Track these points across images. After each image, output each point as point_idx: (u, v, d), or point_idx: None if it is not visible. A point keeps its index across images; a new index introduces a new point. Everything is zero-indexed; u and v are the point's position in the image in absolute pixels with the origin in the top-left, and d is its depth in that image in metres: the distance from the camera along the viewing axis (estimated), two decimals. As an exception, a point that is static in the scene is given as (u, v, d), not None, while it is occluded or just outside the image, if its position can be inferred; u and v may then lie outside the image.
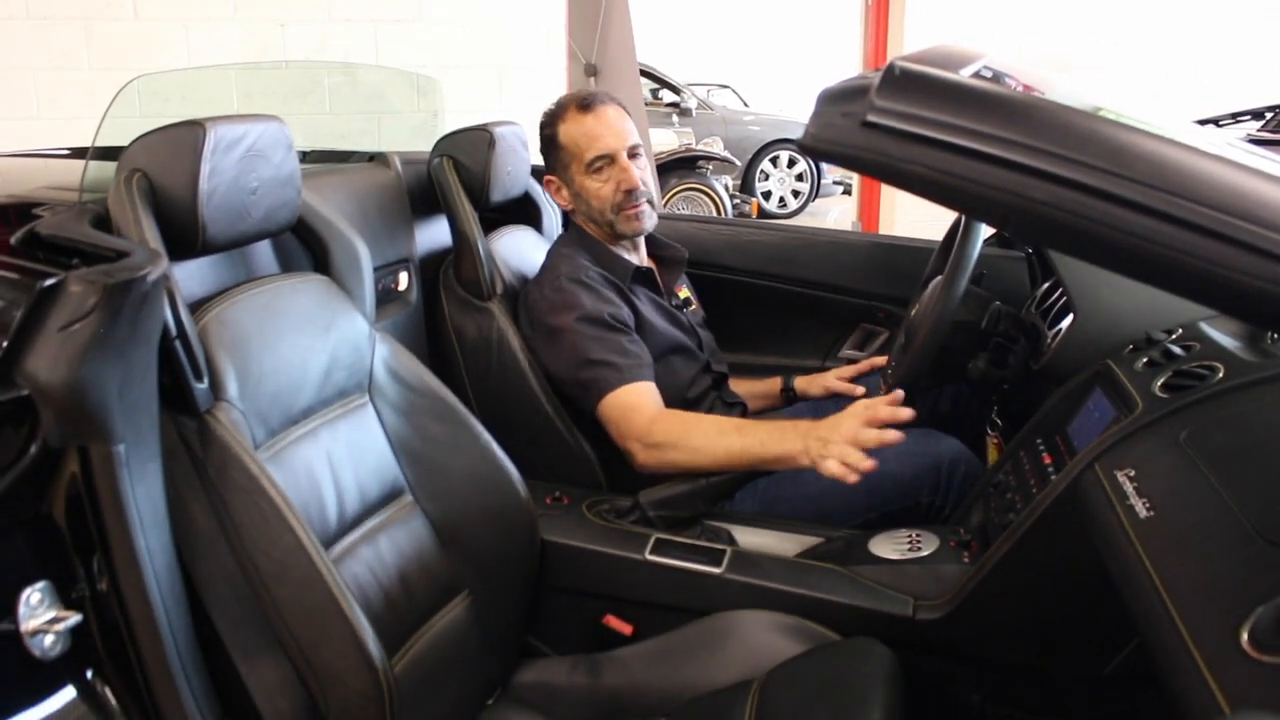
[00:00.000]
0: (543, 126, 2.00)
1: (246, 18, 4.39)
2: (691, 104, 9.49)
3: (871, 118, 0.85)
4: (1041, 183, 0.81)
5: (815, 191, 9.85)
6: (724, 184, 7.78)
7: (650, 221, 1.99)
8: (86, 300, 0.99)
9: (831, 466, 1.56)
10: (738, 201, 8.08)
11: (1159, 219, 0.78)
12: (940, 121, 0.83)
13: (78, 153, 2.69)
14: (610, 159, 1.94)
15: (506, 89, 4.83)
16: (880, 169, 0.87)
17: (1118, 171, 0.79)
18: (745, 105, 11.01)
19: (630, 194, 1.94)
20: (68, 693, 1.08)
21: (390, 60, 4.60)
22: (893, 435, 1.56)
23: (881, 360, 2.20)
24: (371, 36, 4.53)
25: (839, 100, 0.90)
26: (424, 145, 2.14)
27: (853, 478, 1.56)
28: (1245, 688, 0.85)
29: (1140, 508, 1.17)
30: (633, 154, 1.96)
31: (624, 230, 1.97)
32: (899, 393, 1.61)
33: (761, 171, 9.82)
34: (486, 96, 4.73)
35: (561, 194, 2.02)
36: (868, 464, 1.54)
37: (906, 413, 1.58)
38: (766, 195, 9.76)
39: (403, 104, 3.95)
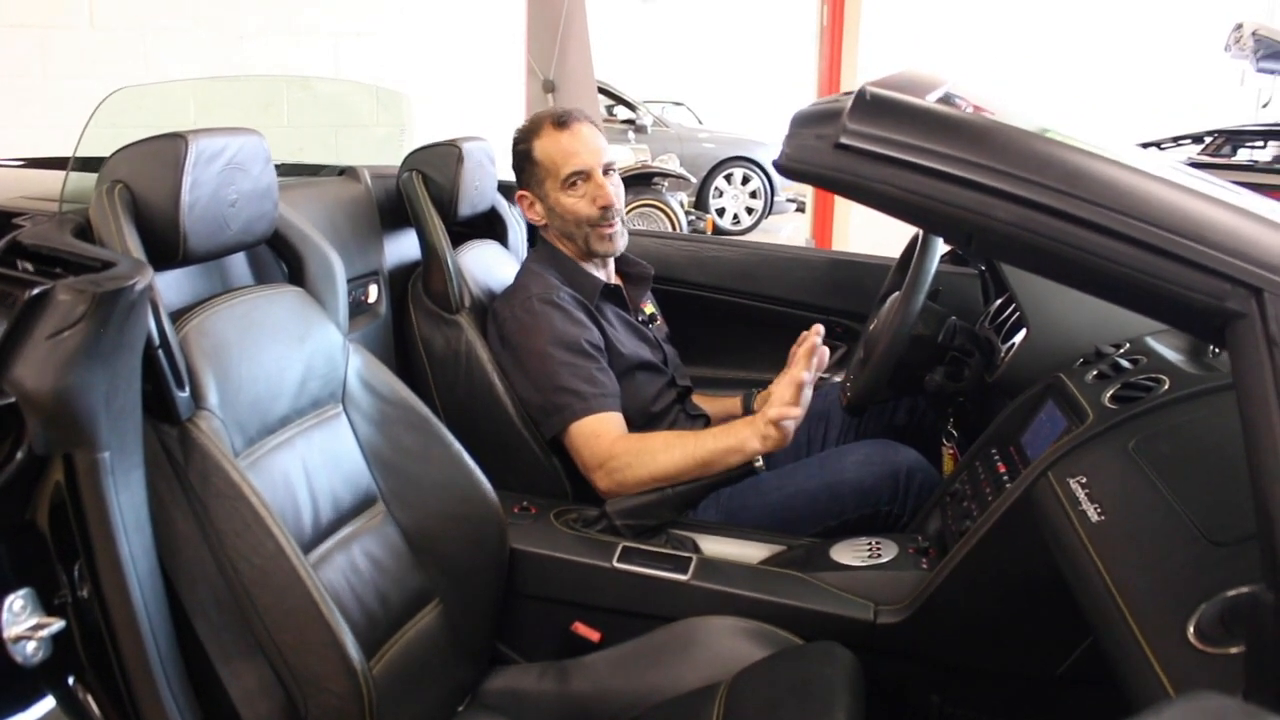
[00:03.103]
0: (516, 142, 2.03)
1: (205, 29, 4.36)
2: (647, 121, 9.55)
3: (844, 140, 0.89)
4: (1004, 203, 0.86)
5: (769, 208, 9.96)
6: (679, 200, 7.85)
7: (622, 242, 2.03)
8: (75, 309, 1.01)
9: (771, 432, 1.65)
10: (693, 218, 8.15)
11: (1112, 237, 0.84)
12: (909, 144, 0.88)
13: (32, 163, 2.68)
14: (586, 175, 1.97)
15: (466, 104, 4.85)
16: (852, 189, 0.92)
17: (1075, 193, 0.84)
18: (700, 123, 11.11)
19: (605, 211, 1.97)
20: (50, 700, 1.09)
21: (350, 74, 4.60)
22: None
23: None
24: (332, 50, 4.53)
25: (812, 123, 0.94)
26: (386, 160, 2.16)
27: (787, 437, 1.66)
28: (1191, 677, 0.90)
29: (1092, 513, 1.23)
30: (607, 172, 1.99)
31: (597, 249, 2.01)
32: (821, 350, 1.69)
33: (716, 188, 9.91)
34: (446, 111, 4.74)
35: (534, 209, 2.04)
36: (796, 411, 1.65)
37: (817, 335, 1.68)
38: (721, 212, 9.85)
39: (365, 118, 3.95)
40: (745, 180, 9.94)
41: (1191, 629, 0.94)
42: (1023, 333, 1.84)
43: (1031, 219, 0.86)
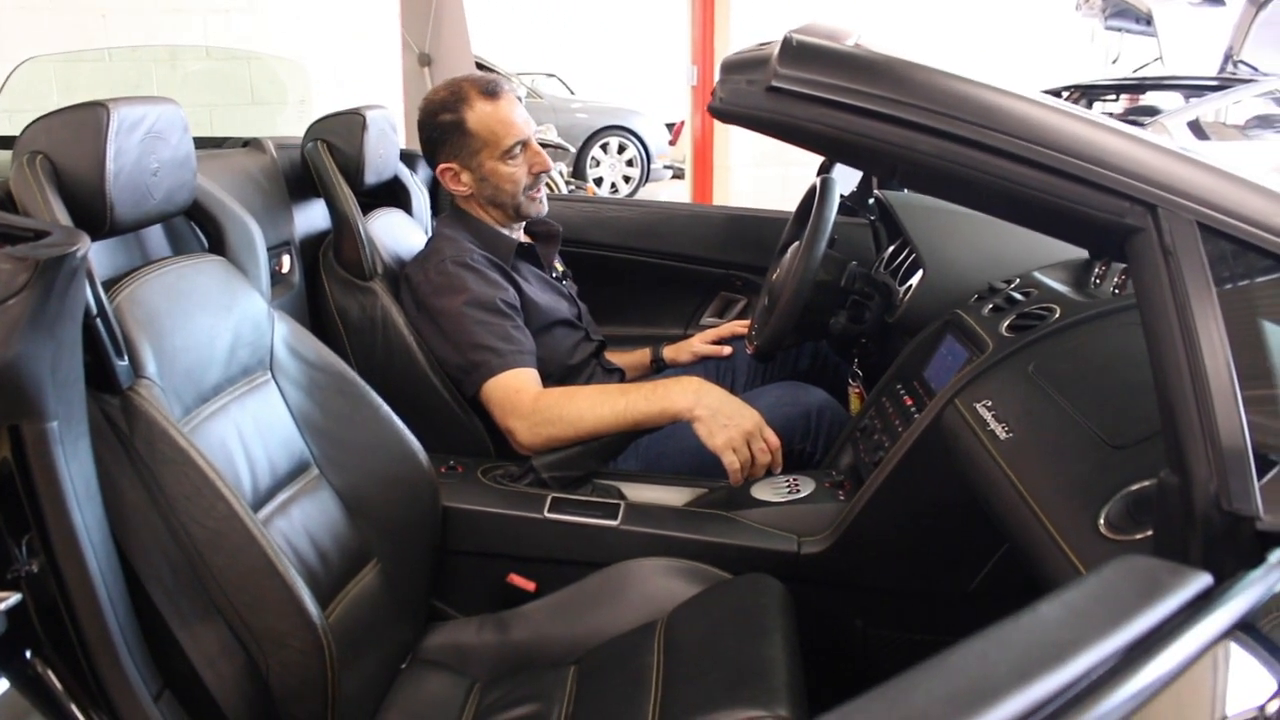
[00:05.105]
0: (437, 113, 2.00)
1: (64, 7, 4.19)
2: (521, 93, 9.49)
3: (776, 83, 0.95)
4: (926, 136, 0.93)
5: (646, 176, 10.04)
6: (559, 170, 7.86)
7: (547, 202, 2.08)
8: (17, 277, 1.00)
9: (732, 460, 1.69)
10: (573, 187, 8.17)
11: (1023, 164, 0.92)
12: (838, 85, 0.94)
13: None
14: (524, 144, 1.99)
15: (341, 78, 4.78)
16: (785, 129, 0.98)
17: (989, 125, 0.92)
18: (571, 93, 11.10)
19: (539, 177, 2.02)
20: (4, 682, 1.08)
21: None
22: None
23: (741, 325, 2.34)
24: (201, 26, 4.40)
25: (742, 69, 1.00)
26: (264, 132, 2.15)
27: (740, 479, 1.70)
28: (1104, 561, 1.00)
29: (1000, 431, 1.33)
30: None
31: (529, 211, 2.04)
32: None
33: (592, 158, 9.93)
34: (321, 86, 4.66)
35: (461, 180, 2.02)
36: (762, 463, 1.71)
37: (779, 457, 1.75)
38: (599, 181, 9.88)
39: (252, 93, 3.87)
40: (621, 149, 9.99)
41: (1102, 521, 1.04)
42: (919, 274, 1.95)
43: (951, 150, 0.93)
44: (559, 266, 2.25)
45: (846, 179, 2.48)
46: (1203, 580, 0.68)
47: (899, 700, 0.56)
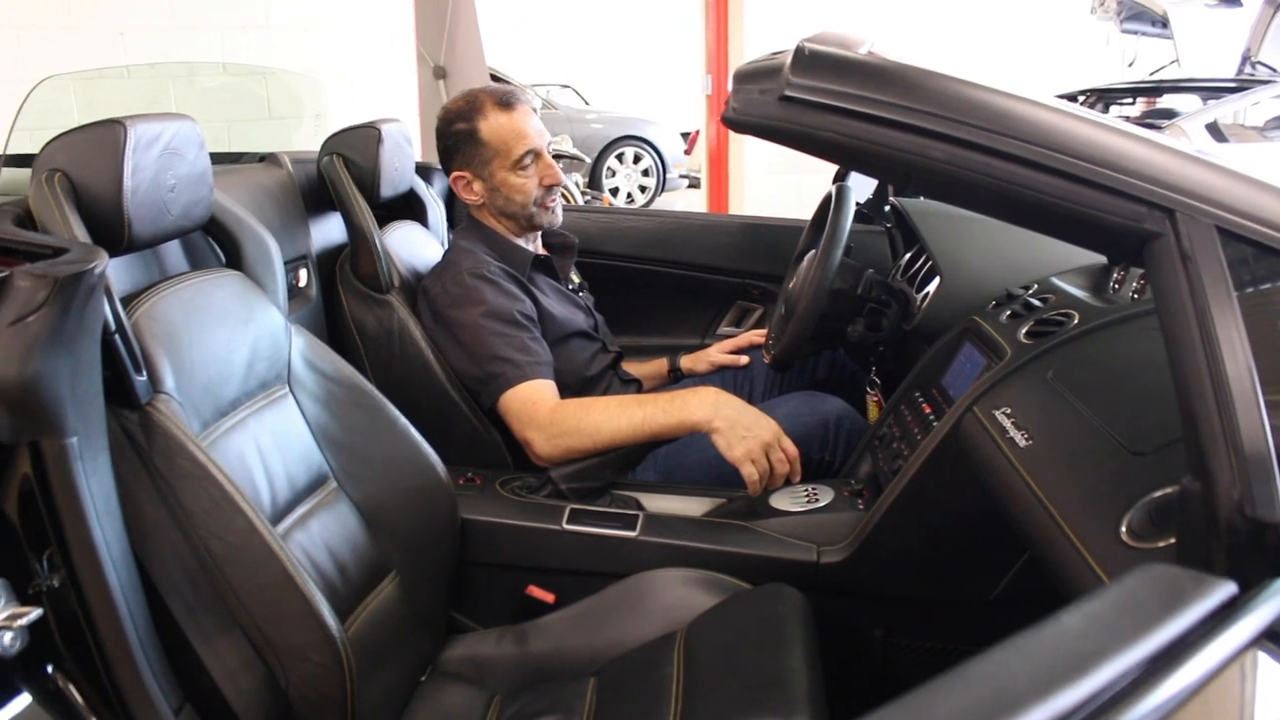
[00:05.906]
0: (452, 122, 2.02)
1: (82, 25, 4.23)
2: (536, 104, 9.53)
3: (789, 92, 0.95)
4: (939, 143, 0.93)
5: (662, 186, 10.05)
6: (575, 181, 7.87)
7: (561, 213, 2.09)
8: (36, 294, 1.01)
9: (751, 471, 1.69)
10: (589, 198, 8.18)
11: (1039, 170, 0.92)
12: (850, 94, 0.94)
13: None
14: (536, 154, 2.01)
15: (357, 92, 4.80)
16: (797, 137, 0.98)
17: (1003, 131, 0.92)
18: (586, 104, 11.13)
19: (551, 189, 2.03)
20: (26, 697, 1.09)
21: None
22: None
23: (758, 334, 2.34)
24: (218, 43, 4.43)
25: (755, 79, 1.00)
26: (279, 146, 2.16)
27: (759, 490, 1.71)
28: (1127, 570, 0.99)
29: (1020, 439, 1.32)
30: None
31: (541, 222, 2.05)
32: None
33: (608, 168, 9.96)
34: (337, 100, 4.69)
35: (473, 189, 2.04)
36: (781, 473, 1.73)
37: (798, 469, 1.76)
38: (615, 191, 9.90)
39: (272, 108, 3.89)
40: (637, 159, 10.01)
41: (1124, 529, 1.03)
42: (936, 281, 1.94)
43: (965, 157, 0.93)
44: (575, 278, 2.25)
45: (862, 187, 2.47)
46: (1227, 589, 0.67)
47: (919, 711, 0.56)
